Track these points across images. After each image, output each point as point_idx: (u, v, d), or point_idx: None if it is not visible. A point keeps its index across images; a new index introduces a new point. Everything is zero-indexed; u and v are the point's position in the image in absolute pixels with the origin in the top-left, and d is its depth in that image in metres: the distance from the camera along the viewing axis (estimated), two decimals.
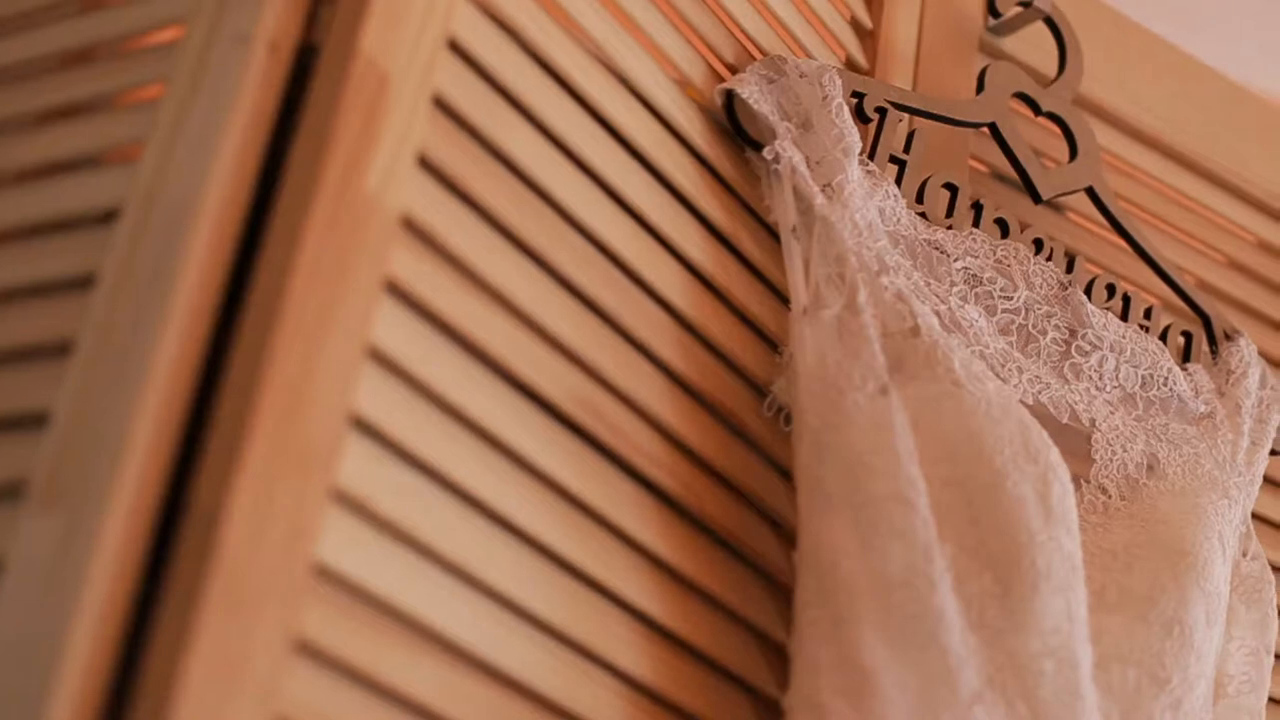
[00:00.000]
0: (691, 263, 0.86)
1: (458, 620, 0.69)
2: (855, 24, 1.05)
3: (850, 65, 1.03)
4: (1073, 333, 0.98)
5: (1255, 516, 1.04)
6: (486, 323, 0.73)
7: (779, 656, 0.84)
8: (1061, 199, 1.08)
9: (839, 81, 0.92)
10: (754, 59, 0.93)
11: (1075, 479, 0.95)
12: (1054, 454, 0.86)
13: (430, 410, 0.70)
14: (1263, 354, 1.19)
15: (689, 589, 0.81)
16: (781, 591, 0.85)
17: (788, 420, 0.87)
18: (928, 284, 0.92)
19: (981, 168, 1.08)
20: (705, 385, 0.84)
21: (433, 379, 0.70)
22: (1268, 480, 1.09)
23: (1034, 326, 0.97)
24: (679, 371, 0.83)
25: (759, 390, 0.88)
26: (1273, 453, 1.06)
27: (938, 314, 0.91)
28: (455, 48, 0.74)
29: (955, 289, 0.94)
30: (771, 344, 0.89)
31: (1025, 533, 0.83)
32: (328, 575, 0.64)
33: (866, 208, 0.90)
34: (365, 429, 0.67)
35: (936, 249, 0.94)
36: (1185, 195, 1.21)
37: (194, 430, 0.64)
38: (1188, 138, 1.20)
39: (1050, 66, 1.09)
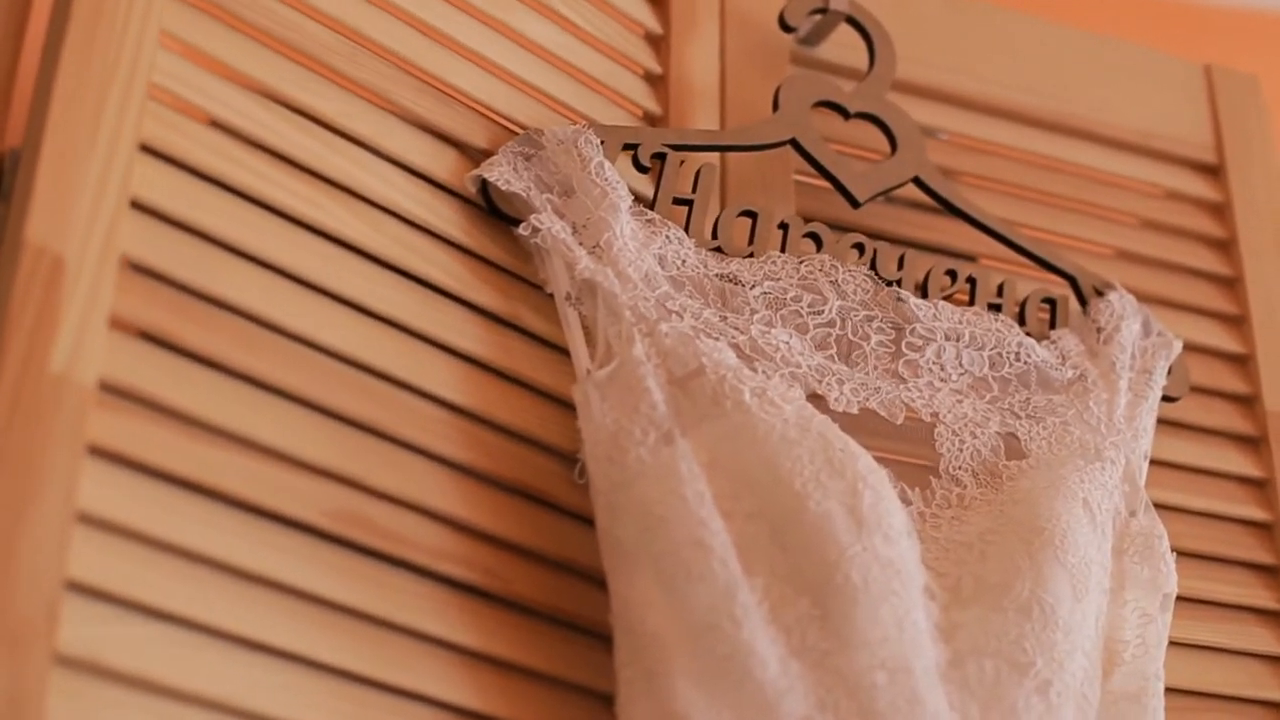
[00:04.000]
0: (466, 353, 0.87)
1: None
2: (649, 76, 1.05)
3: (648, 117, 1.03)
4: (899, 331, 0.96)
5: (1153, 461, 0.99)
6: (215, 464, 0.75)
7: None
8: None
9: (596, 141, 0.92)
10: None
11: (929, 474, 0.93)
12: (863, 462, 0.84)
13: (160, 559, 0.72)
14: (1197, 308, 1.14)
15: (510, 671, 0.82)
16: None
17: None
18: (724, 318, 0.92)
19: (815, 181, 1.06)
20: (499, 469, 0.85)
21: (159, 529, 0.72)
22: (1167, 422, 1.04)
23: (854, 334, 0.96)
24: (465, 462, 0.84)
25: (570, 459, 0.89)
26: (1165, 398, 1.02)
27: (737, 346, 0.90)
28: (141, 208, 0.77)
29: (756, 316, 0.93)
30: (575, 411, 0.90)
31: (835, 549, 0.82)
32: None
33: (642, 259, 0.91)
34: (85, 591, 0.70)
35: (730, 281, 0.93)
36: (1074, 164, 1.16)
37: None
38: (1056, 103, 1.16)
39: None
